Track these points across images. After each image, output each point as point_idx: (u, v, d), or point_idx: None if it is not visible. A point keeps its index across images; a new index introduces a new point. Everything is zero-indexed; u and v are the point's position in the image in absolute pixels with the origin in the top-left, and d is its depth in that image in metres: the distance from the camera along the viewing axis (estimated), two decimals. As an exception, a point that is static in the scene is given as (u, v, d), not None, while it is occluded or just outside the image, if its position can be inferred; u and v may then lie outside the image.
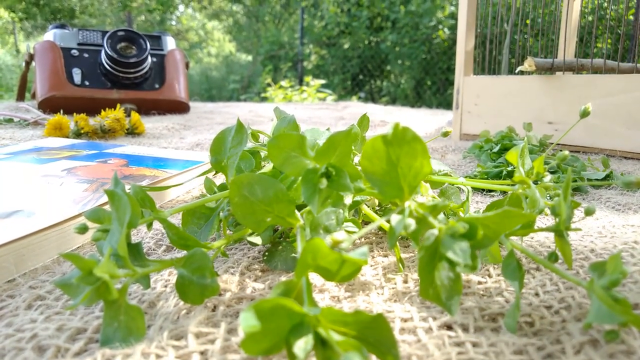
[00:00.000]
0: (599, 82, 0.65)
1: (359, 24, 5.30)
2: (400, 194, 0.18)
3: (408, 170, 0.17)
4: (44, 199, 0.32)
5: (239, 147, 0.24)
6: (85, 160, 0.45)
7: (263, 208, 0.20)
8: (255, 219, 0.20)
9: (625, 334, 0.18)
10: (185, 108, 1.14)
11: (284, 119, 0.29)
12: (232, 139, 0.24)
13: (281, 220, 0.21)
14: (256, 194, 0.20)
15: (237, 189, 0.20)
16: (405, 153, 0.17)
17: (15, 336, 0.19)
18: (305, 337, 0.14)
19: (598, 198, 0.40)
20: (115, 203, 0.19)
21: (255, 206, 0.20)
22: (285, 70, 5.86)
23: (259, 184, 0.20)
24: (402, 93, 5.08)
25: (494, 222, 0.17)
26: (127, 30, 1.07)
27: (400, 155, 0.17)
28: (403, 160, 0.17)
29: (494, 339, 0.18)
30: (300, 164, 0.21)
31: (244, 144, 0.24)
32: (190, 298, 0.20)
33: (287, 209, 0.20)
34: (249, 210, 0.20)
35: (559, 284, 0.22)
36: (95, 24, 6.78)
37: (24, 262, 0.25)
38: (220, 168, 0.24)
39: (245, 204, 0.20)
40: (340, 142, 0.20)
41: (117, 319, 0.18)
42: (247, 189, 0.20)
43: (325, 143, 0.20)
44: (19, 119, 0.87)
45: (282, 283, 0.17)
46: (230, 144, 0.24)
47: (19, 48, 6.46)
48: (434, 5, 4.85)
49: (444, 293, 0.17)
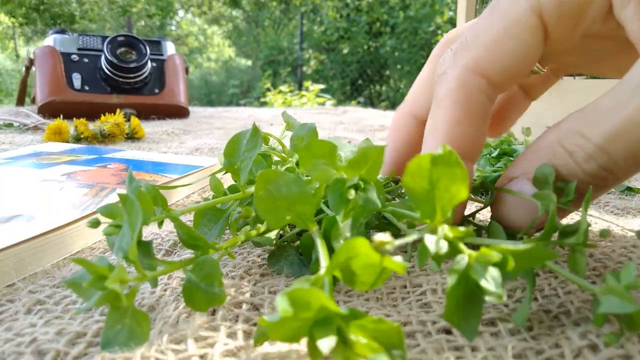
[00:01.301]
0: (598, 86, 0.66)
1: (358, 29, 5.32)
2: (433, 215, 0.18)
3: (445, 192, 0.17)
4: (44, 203, 0.32)
5: (254, 150, 0.24)
6: (84, 165, 0.45)
7: (285, 205, 0.21)
8: (276, 215, 0.21)
9: (624, 339, 0.18)
10: (184, 113, 1.15)
11: (304, 126, 0.29)
12: (247, 143, 0.24)
13: (300, 221, 0.21)
14: (281, 190, 0.20)
15: (263, 183, 0.20)
16: (445, 175, 0.17)
17: (15, 340, 0.19)
18: (330, 333, 0.15)
19: (597, 202, 0.40)
20: (128, 207, 0.19)
21: (279, 202, 0.20)
22: (284, 75, 5.87)
23: (285, 181, 0.21)
24: (401, 98, 5.09)
25: (526, 256, 0.17)
26: (127, 35, 1.08)
27: (440, 176, 0.17)
28: (442, 182, 0.17)
29: (492, 343, 0.18)
30: (328, 172, 0.21)
31: (259, 148, 0.24)
32: (196, 304, 0.20)
33: (308, 211, 0.21)
34: (271, 206, 0.20)
35: (557, 289, 0.22)
36: (95, 29, 6.80)
37: (23, 267, 0.25)
38: (233, 170, 0.25)
39: (269, 199, 0.20)
40: (372, 156, 0.21)
41: (121, 322, 0.18)
42: (273, 184, 0.20)
43: (358, 155, 0.21)
44: (18, 124, 0.87)
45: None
46: (244, 147, 0.24)
47: (19, 53, 6.47)
48: (432, 10, 4.86)
49: (465, 318, 0.17)
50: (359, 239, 0.16)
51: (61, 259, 0.28)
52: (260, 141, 0.24)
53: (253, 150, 0.24)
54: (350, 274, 0.17)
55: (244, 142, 0.25)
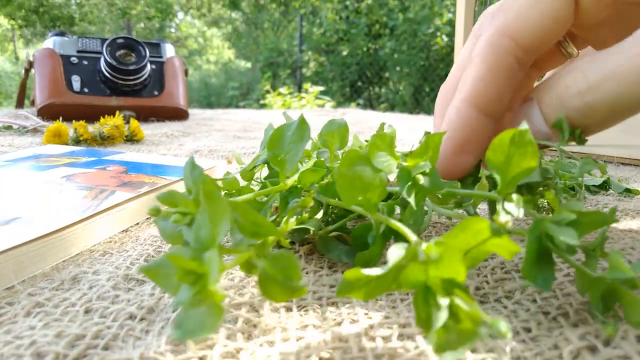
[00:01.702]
0: None
1: (358, 31, 5.32)
2: (504, 187, 0.20)
3: (516, 167, 0.19)
4: (43, 206, 0.32)
5: (300, 143, 0.25)
6: (84, 167, 0.45)
7: (361, 186, 0.22)
8: (351, 193, 0.22)
9: (621, 339, 0.18)
10: (184, 115, 1.15)
11: (334, 122, 0.30)
12: (292, 134, 0.25)
13: (367, 205, 0.22)
14: (360, 171, 0.22)
15: (349, 162, 0.22)
16: (519, 152, 0.19)
17: (14, 343, 0.19)
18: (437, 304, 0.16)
19: (595, 204, 0.40)
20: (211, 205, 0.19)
21: (356, 182, 0.22)
22: (284, 77, 5.87)
23: (365, 165, 0.22)
24: (400, 100, 5.09)
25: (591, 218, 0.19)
26: (126, 37, 1.08)
27: (515, 153, 0.19)
28: (515, 158, 0.19)
29: (491, 345, 0.18)
30: (389, 162, 0.23)
31: (307, 140, 0.25)
32: (274, 296, 0.20)
33: (377, 197, 0.22)
34: (349, 184, 0.22)
35: (556, 291, 0.22)
36: (94, 32, 6.80)
37: (23, 269, 0.25)
38: (277, 162, 0.25)
39: (349, 177, 0.22)
40: (434, 143, 0.23)
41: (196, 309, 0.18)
42: (358, 164, 0.22)
43: (424, 144, 0.23)
44: (18, 126, 0.87)
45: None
46: (289, 139, 0.25)
47: (18, 55, 6.48)
48: (432, 12, 4.87)
49: (540, 273, 0.19)
50: (479, 218, 0.17)
51: (60, 262, 0.28)
52: (308, 133, 0.25)
53: (300, 143, 0.25)
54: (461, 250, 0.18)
55: (288, 134, 0.25)
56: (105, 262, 0.28)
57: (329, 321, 0.20)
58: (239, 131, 1.00)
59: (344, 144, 0.29)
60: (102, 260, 0.28)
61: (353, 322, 0.20)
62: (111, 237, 0.32)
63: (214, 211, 0.18)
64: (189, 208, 0.21)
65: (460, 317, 0.16)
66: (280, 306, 0.22)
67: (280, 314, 0.21)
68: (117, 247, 0.31)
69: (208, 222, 0.19)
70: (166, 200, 0.21)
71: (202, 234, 0.19)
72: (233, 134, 0.94)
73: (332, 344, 0.19)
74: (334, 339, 0.19)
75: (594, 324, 0.19)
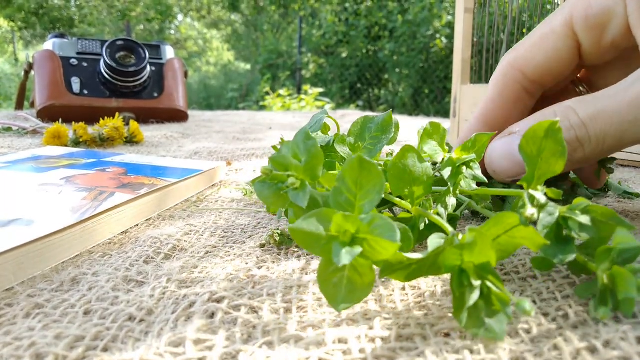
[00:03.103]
0: None
1: (357, 33, 5.33)
2: (531, 181, 0.21)
3: (545, 163, 0.20)
4: (43, 207, 0.32)
5: (384, 135, 0.26)
6: (83, 169, 0.45)
7: (408, 180, 0.23)
8: (399, 185, 0.23)
9: (621, 340, 0.18)
10: (183, 117, 1.15)
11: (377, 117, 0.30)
12: (376, 127, 0.26)
13: (410, 198, 0.23)
14: (411, 165, 0.23)
15: (403, 154, 0.23)
16: (549, 148, 0.20)
17: (14, 344, 0.19)
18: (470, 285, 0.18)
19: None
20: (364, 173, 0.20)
21: (405, 175, 0.23)
22: (283, 79, 5.87)
23: (416, 159, 0.23)
24: (400, 101, 5.09)
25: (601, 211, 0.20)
26: (126, 39, 1.08)
27: (546, 148, 0.20)
28: (545, 154, 0.20)
29: (492, 346, 0.18)
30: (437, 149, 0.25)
31: (390, 134, 0.26)
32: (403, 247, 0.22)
33: (418, 192, 0.23)
34: (399, 176, 0.23)
35: (555, 293, 0.22)
36: (94, 33, 6.81)
37: (22, 271, 0.25)
38: (353, 149, 0.27)
39: (401, 169, 0.23)
40: (480, 142, 0.25)
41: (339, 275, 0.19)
42: (411, 158, 0.23)
43: (472, 140, 0.25)
44: (17, 128, 0.87)
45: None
46: (372, 131, 0.26)
47: (18, 57, 6.48)
48: (431, 14, 4.87)
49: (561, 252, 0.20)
50: (509, 213, 0.19)
51: (60, 263, 0.28)
52: (392, 127, 0.26)
53: (383, 135, 0.26)
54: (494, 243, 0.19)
55: (371, 126, 0.27)
56: (105, 263, 0.28)
57: (328, 322, 0.20)
58: (238, 133, 1.00)
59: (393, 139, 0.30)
60: (102, 261, 0.28)
61: (352, 323, 0.20)
62: (111, 239, 0.32)
63: (366, 178, 0.20)
64: (299, 174, 0.22)
65: (491, 298, 0.18)
66: (280, 307, 0.22)
67: (279, 315, 0.21)
68: (117, 248, 0.31)
69: (352, 188, 0.20)
70: (277, 164, 0.22)
71: (342, 198, 0.20)
72: (233, 135, 0.94)
73: (332, 345, 0.19)
74: (333, 340, 0.19)
75: (594, 325, 0.19)
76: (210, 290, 0.23)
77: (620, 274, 0.19)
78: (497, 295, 0.18)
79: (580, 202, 0.20)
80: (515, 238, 0.19)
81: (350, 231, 0.19)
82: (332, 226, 0.18)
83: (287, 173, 0.22)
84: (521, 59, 0.30)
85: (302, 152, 0.22)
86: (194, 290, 0.23)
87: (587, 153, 0.26)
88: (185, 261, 0.28)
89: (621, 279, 0.19)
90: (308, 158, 0.22)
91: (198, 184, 0.46)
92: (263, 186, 0.23)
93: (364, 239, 0.18)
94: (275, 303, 0.22)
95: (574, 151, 0.26)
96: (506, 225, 0.19)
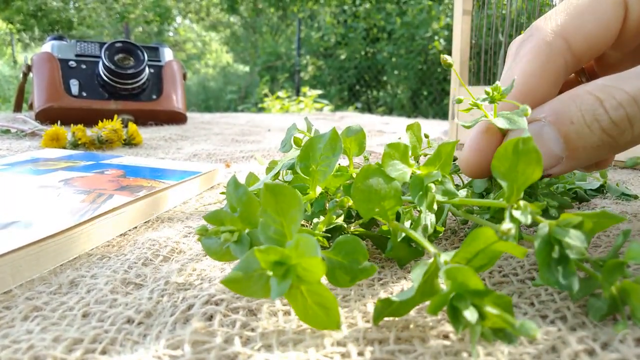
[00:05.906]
0: None
1: (356, 35, 5.33)
2: (511, 196, 0.20)
3: (521, 174, 0.20)
4: (41, 209, 0.32)
5: (333, 156, 0.25)
6: (82, 171, 0.45)
7: (377, 199, 0.22)
8: (368, 206, 0.22)
9: (619, 342, 0.18)
10: (182, 119, 1.15)
11: (351, 128, 0.30)
12: (324, 147, 0.26)
13: (384, 215, 0.23)
14: (375, 185, 0.22)
15: (363, 177, 0.22)
16: (523, 160, 0.19)
17: (12, 347, 0.19)
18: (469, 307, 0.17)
19: (593, 207, 0.40)
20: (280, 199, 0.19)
21: (372, 195, 0.22)
22: (282, 81, 5.88)
23: (382, 177, 0.23)
24: (398, 103, 5.10)
25: (598, 219, 0.20)
26: (124, 41, 1.08)
27: (519, 160, 0.19)
28: (520, 165, 0.20)
29: (490, 349, 0.18)
30: (403, 170, 0.24)
31: (339, 153, 0.25)
32: (339, 282, 0.21)
33: (393, 207, 0.23)
34: (366, 197, 0.22)
35: (554, 295, 0.22)
36: (92, 36, 6.80)
37: (20, 273, 0.25)
38: (308, 173, 0.26)
39: (365, 191, 0.22)
40: (445, 152, 0.24)
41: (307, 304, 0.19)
42: (373, 178, 0.22)
43: (435, 153, 0.24)
44: (16, 130, 0.87)
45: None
46: (321, 151, 0.26)
47: (17, 59, 6.47)
48: (429, 16, 4.88)
49: (561, 276, 0.19)
50: (486, 229, 0.18)
51: (58, 265, 0.28)
52: (340, 146, 0.25)
53: (332, 156, 0.25)
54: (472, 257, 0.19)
55: (319, 146, 0.26)
56: (103, 266, 0.28)
57: (327, 325, 0.20)
58: (237, 135, 1.00)
59: (361, 150, 0.29)
60: (100, 264, 0.28)
61: (351, 326, 0.20)
62: (109, 241, 0.32)
63: (284, 203, 0.19)
64: (236, 225, 0.22)
65: (491, 319, 0.17)
66: (278, 310, 0.22)
67: (278, 317, 0.21)
68: (115, 251, 0.31)
69: (276, 217, 0.19)
70: (212, 219, 0.22)
71: (271, 230, 0.20)
72: (231, 137, 0.94)
73: (330, 348, 0.19)
74: (332, 343, 0.19)
75: (592, 328, 0.19)
76: (208, 292, 0.23)
77: (634, 289, 0.19)
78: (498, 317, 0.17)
79: (569, 218, 0.20)
80: (496, 250, 0.19)
81: (280, 262, 0.18)
82: (261, 264, 0.18)
83: (224, 228, 0.22)
84: (568, 27, 0.26)
85: (235, 202, 0.22)
86: (192, 293, 0.23)
87: (635, 133, 0.23)
88: (184, 263, 0.28)
89: (635, 294, 0.19)
90: (241, 207, 0.22)
91: (197, 186, 0.46)
92: (209, 242, 0.23)
93: (297, 264, 0.18)
94: (273, 305, 0.22)
95: (620, 134, 0.23)
96: (486, 240, 0.19)
